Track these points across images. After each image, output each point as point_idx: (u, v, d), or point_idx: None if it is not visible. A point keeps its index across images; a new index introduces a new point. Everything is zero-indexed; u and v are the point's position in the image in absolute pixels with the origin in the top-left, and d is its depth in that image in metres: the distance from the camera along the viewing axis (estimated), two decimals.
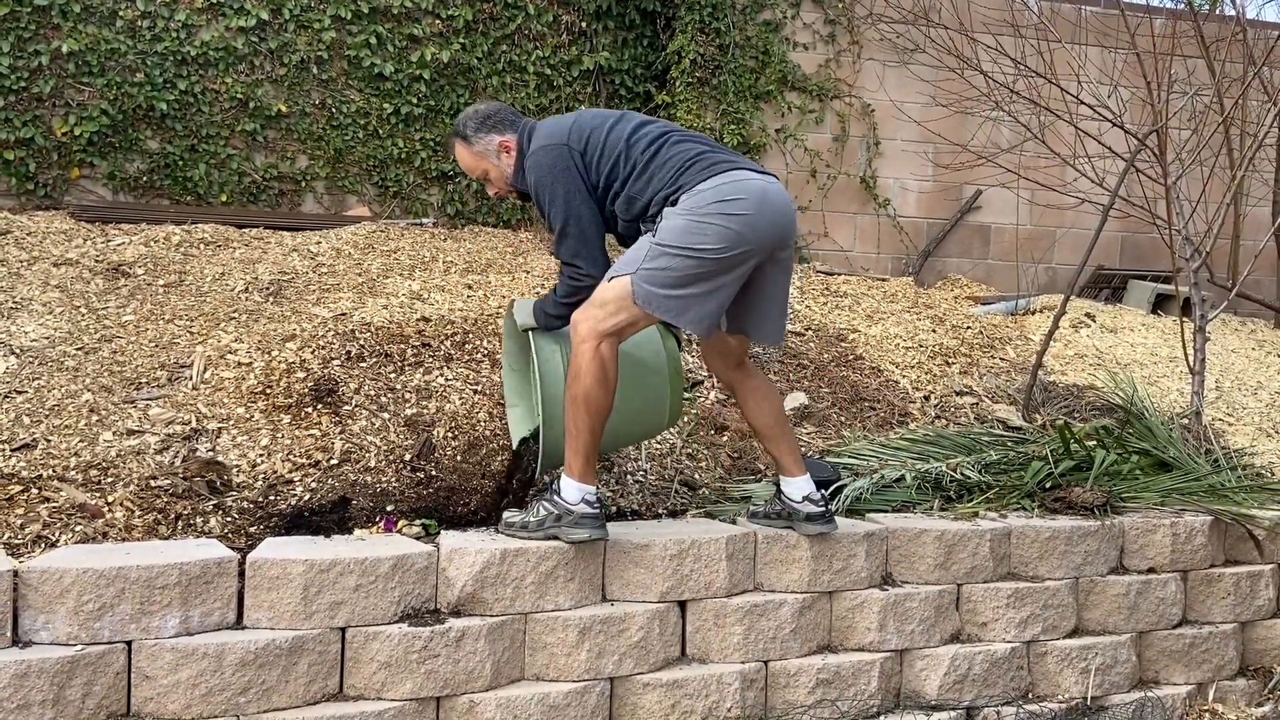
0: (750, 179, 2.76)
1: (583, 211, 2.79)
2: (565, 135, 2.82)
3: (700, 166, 2.76)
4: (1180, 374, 5.20)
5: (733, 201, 2.70)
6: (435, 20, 6.30)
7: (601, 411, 2.72)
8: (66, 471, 3.00)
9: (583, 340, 2.70)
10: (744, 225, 2.70)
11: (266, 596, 2.50)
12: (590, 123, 2.86)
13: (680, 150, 2.81)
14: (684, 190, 2.74)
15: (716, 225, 2.68)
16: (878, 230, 7.00)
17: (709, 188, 2.71)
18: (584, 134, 2.83)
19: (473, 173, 3.00)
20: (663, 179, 2.77)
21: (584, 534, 2.73)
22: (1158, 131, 4.46)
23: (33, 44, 5.61)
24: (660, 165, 2.79)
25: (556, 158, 2.79)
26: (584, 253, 2.80)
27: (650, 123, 2.90)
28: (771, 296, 2.92)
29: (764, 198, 2.74)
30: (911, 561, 3.17)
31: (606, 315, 2.71)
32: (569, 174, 2.79)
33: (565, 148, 2.80)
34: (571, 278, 2.83)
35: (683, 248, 2.68)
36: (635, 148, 2.81)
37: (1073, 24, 6.60)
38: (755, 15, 6.69)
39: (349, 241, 5.40)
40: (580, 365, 2.70)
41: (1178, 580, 3.50)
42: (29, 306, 4.07)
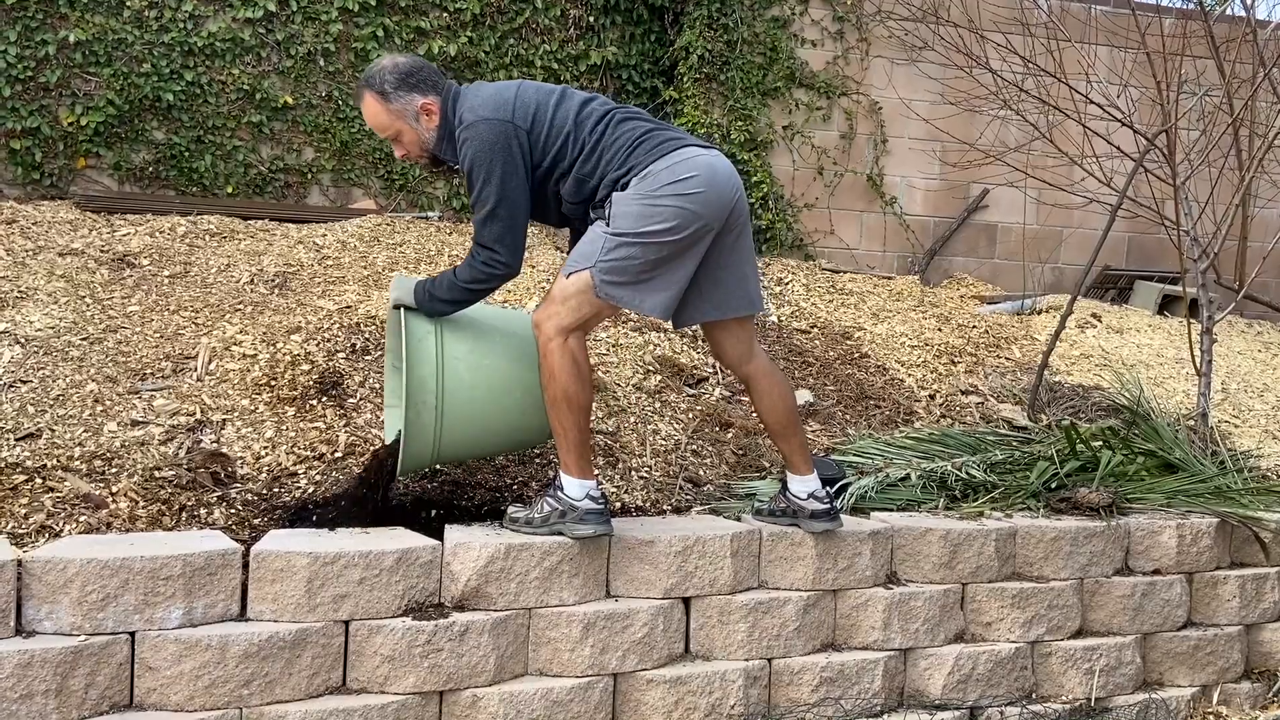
0: (698, 154, 2.70)
1: (517, 197, 2.66)
2: (510, 111, 2.67)
3: (648, 146, 2.70)
4: (1186, 375, 5.18)
5: (685, 180, 2.65)
6: (442, 13, 6.29)
7: (584, 406, 2.70)
8: (71, 462, 3.00)
9: (549, 339, 2.65)
10: (698, 203, 2.65)
11: (270, 589, 2.49)
12: (534, 98, 2.72)
13: (627, 129, 2.73)
14: (634, 173, 2.67)
15: (671, 206, 2.63)
16: (884, 228, 6.99)
17: (661, 169, 2.66)
18: (529, 111, 2.69)
19: (382, 132, 2.77)
20: (612, 159, 2.69)
21: (588, 529, 2.73)
22: (1167, 132, 4.44)
23: (40, 33, 5.60)
24: (609, 145, 2.70)
25: (499, 134, 2.64)
26: (508, 239, 2.67)
27: (592, 99, 2.81)
28: (731, 265, 2.84)
29: (714, 172, 2.69)
30: (916, 560, 3.16)
31: (569, 312, 2.66)
32: (509, 153, 2.64)
33: (510, 125, 2.66)
34: (486, 263, 2.69)
35: (640, 234, 2.64)
36: (583, 127, 2.71)
37: (1082, 23, 6.58)
38: (763, 11, 6.67)
39: (355, 234, 5.39)
40: (553, 365, 2.65)
41: (1183, 582, 3.49)
42: (34, 296, 4.06)
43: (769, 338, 4.91)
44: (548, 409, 2.71)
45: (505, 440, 2.97)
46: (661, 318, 2.80)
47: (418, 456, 2.78)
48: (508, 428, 2.88)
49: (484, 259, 2.70)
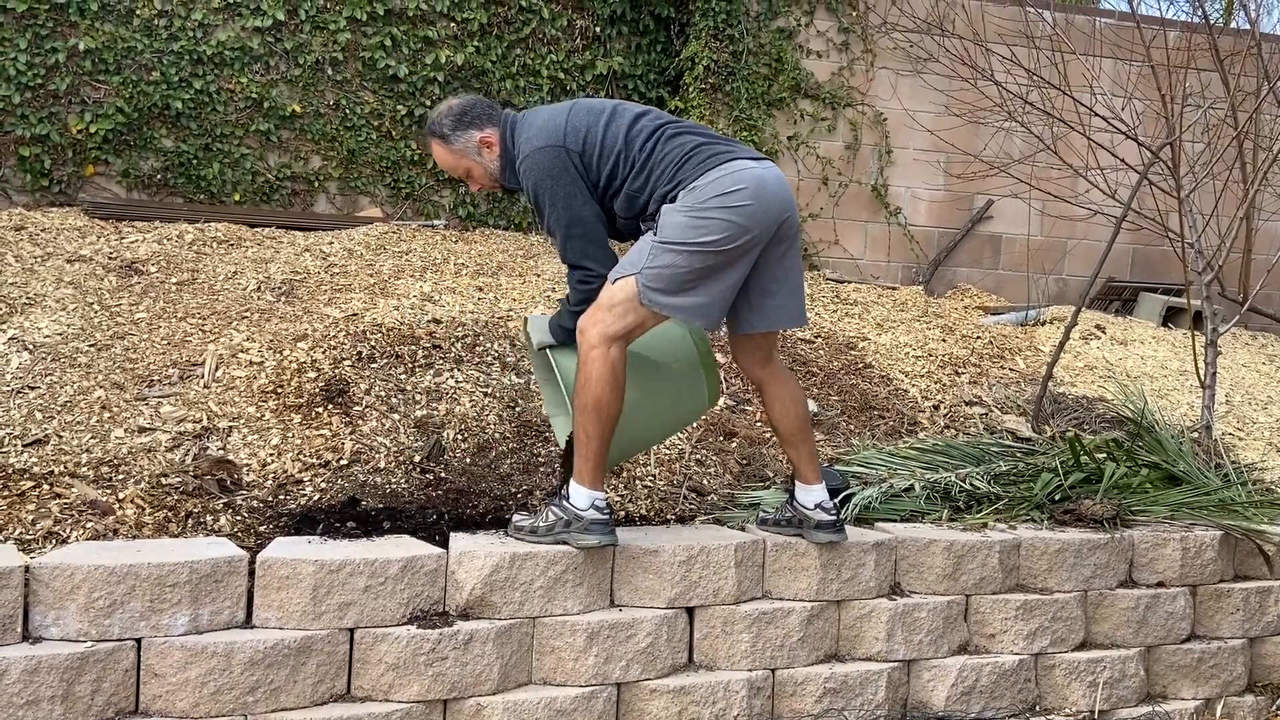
0: (747, 168, 2.72)
1: (585, 213, 2.75)
2: (562, 137, 2.75)
3: (697, 160, 2.73)
4: (1190, 387, 5.18)
5: (732, 193, 2.67)
6: (450, 23, 6.32)
7: (612, 417, 2.72)
8: (78, 468, 3.01)
9: (592, 346, 2.69)
10: (744, 216, 2.67)
11: (276, 596, 2.50)
12: (585, 119, 2.80)
13: (677, 144, 2.77)
14: (682, 186, 2.71)
15: (717, 219, 2.65)
16: (888, 239, 7.00)
17: (707, 181, 2.68)
18: (580, 134, 2.77)
19: (453, 171, 2.92)
20: (661, 175, 2.74)
21: (593, 540, 2.73)
22: (1171, 145, 4.46)
23: (50, 41, 5.65)
24: (658, 161, 2.75)
25: (554, 160, 2.73)
26: (591, 252, 2.77)
27: (644, 114, 2.84)
28: (780, 279, 2.86)
29: (761, 185, 2.71)
30: (920, 571, 3.16)
31: (615, 319, 2.70)
32: (568, 176, 2.73)
33: (563, 150, 2.74)
34: (582, 280, 2.79)
35: (686, 243, 2.66)
36: (633, 144, 2.77)
37: (1087, 35, 6.60)
38: (769, 22, 6.70)
39: (361, 242, 5.42)
40: (591, 372, 2.68)
41: (1187, 595, 3.49)
42: (43, 303, 4.09)
43: None
44: (576, 414, 2.73)
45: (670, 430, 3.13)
46: (708, 327, 2.82)
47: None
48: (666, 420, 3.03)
49: (579, 277, 2.78)
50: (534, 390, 3.92)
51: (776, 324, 2.93)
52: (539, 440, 3.63)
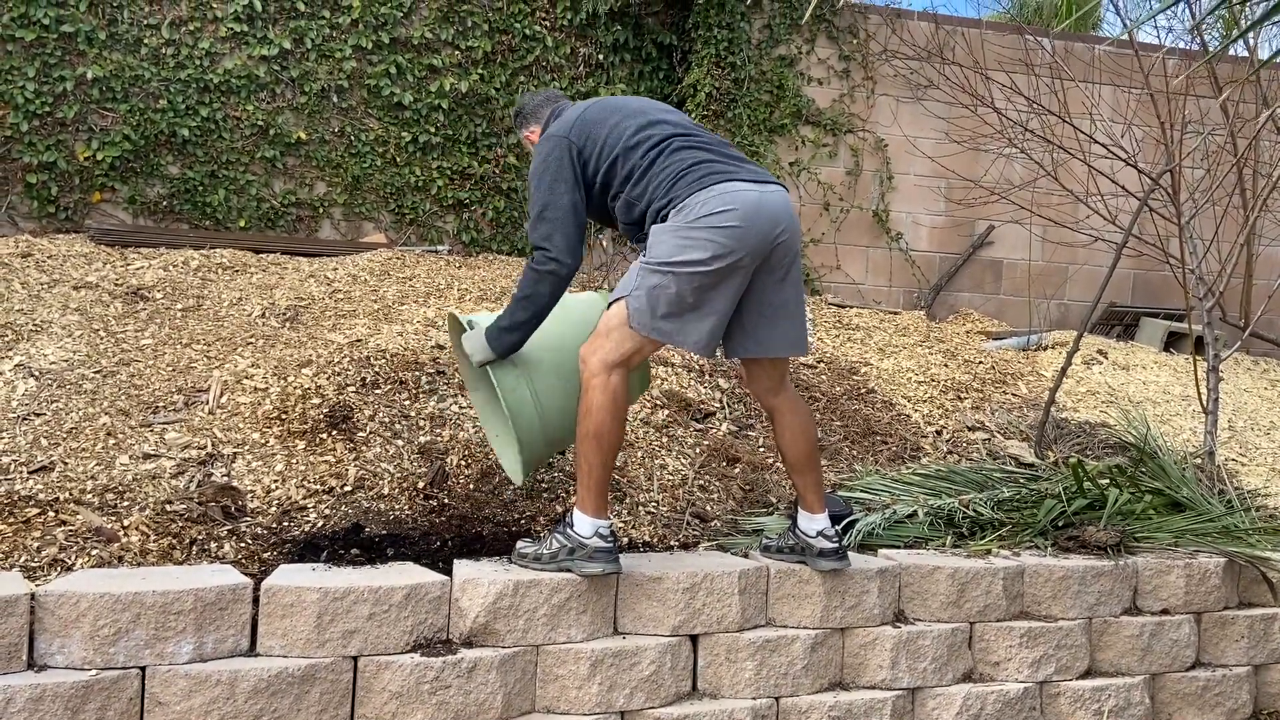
0: (743, 189, 2.70)
1: (563, 201, 2.78)
2: (569, 129, 2.85)
3: (692, 179, 2.72)
4: (1193, 413, 5.18)
5: (720, 214, 2.66)
6: (455, 51, 6.38)
7: (614, 446, 2.72)
8: (83, 495, 3.02)
9: (593, 374, 2.69)
10: (730, 236, 2.65)
11: (280, 624, 2.50)
12: (597, 116, 2.85)
13: (678, 159, 2.76)
14: (674, 205, 2.71)
15: (702, 238, 2.65)
16: (890, 264, 7.03)
17: (697, 202, 2.68)
18: (586, 130, 2.83)
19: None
20: (657, 189, 2.75)
21: (597, 568, 2.73)
22: (1171, 171, 4.48)
23: (58, 69, 5.70)
24: (656, 174, 2.76)
25: (553, 148, 2.83)
26: (556, 238, 2.77)
27: (656, 124, 2.85)
28: (778, 305, 2.84)
29: (754, 207, 2.69)
30: (924, 599, 3.16)
31: (613, 346, 2.70)
32: (560, 165, 2.80)
33: (566, 141, 2.83)
34: (539, 261, 2.77)
35: (671, 263, 2.66)
36: (634, 152, 2.79)
37: (1086, 63, 6.65)
38: (770, 50, 6.76)
39: (365, 268, 5.44)
40: (592, 401, 2.69)
41: (1191, 622, 3.48)
42: (49, 329, 4.11)
43: None
44: (578, 442, 2.74)
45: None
46: (700, 352, 2.80)
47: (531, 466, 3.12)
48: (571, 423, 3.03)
49: (538, 257, 2.79)
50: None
51: (774, 351, 2.91)
52: (542, 467, 3.63)
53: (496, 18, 6.45)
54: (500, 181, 6.51)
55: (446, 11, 6.35)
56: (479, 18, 6.41)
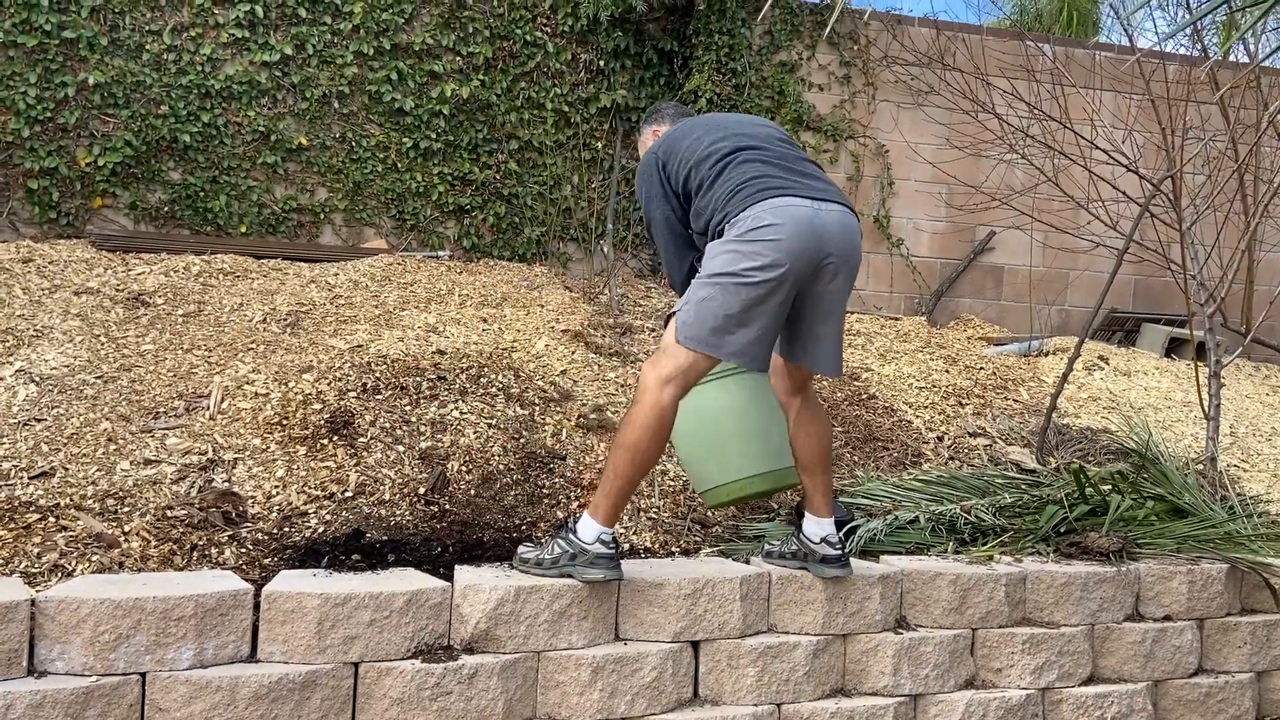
0: (794, 205, 2.74)
1: (655, 215, 3.03)
2: (659, 144, 3.05)
3: (748, 193, 2.77)
4: (1195, 419, 5.18)
5: (766, 227, 2.70)
6: (456, 57, 6.39)
7: (648, 464, 2.74)
8: (84, 500, 3.01)
9: (646, 389, 2.72)
10: (777, 250, 2.69)
11: (281, 630, 2.50)
12: (682, 132, 3.03)
13: (739, 173, 2.82)
14: (729, 219, 2.78)
15: (749, 252, 2.70)
16: (891, 269, 7.03)
17: (749, 216, 2.73)
18: (670, 146, 3.01)
19: None
20: (717, 202, 2.83)
21: (599, 574, 2.73)
22: (1172, 177, 4.48)
23: (60, 75, 5.71)
24: (719, 186, 2.84)
25: (646, 164, 3.06)
26: (666, 247, 3.06)
27: (731, 136, 2.92)
28: (810, 320, 2.87)
29: (805, 222, 2.72)
30: (926, 605, 3.15)
31: (668, 360, 2.74)
32: (651, 180, 3.01)
33: (654, 156, 3.03)
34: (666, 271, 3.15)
35: (719, 275, 2.72)
36: (703, 165, 2.89)
37: (1087, 69, 6.66)
38: (771, 56, 6.77)
39: (366, 273, 5.44)
40: (638, 414, 2.71)
41: (1194, 628, 3.47)
42: (50, 335, 4.11)
43: None
44: (614, 446, 2.76)
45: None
46: (750, 366, 2.82)
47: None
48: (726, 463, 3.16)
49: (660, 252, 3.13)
50: (537, 421, 3.93)
51: (808, 363, 2.95)
52: (543, 472, 3.63)
53: (498, 24, 6.45)
54: (501, 187, 6.52)
55: (448, 18, 6.36)
56: (480, 24, 6.42)
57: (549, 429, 3.90)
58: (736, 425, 3.09)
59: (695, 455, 3.18)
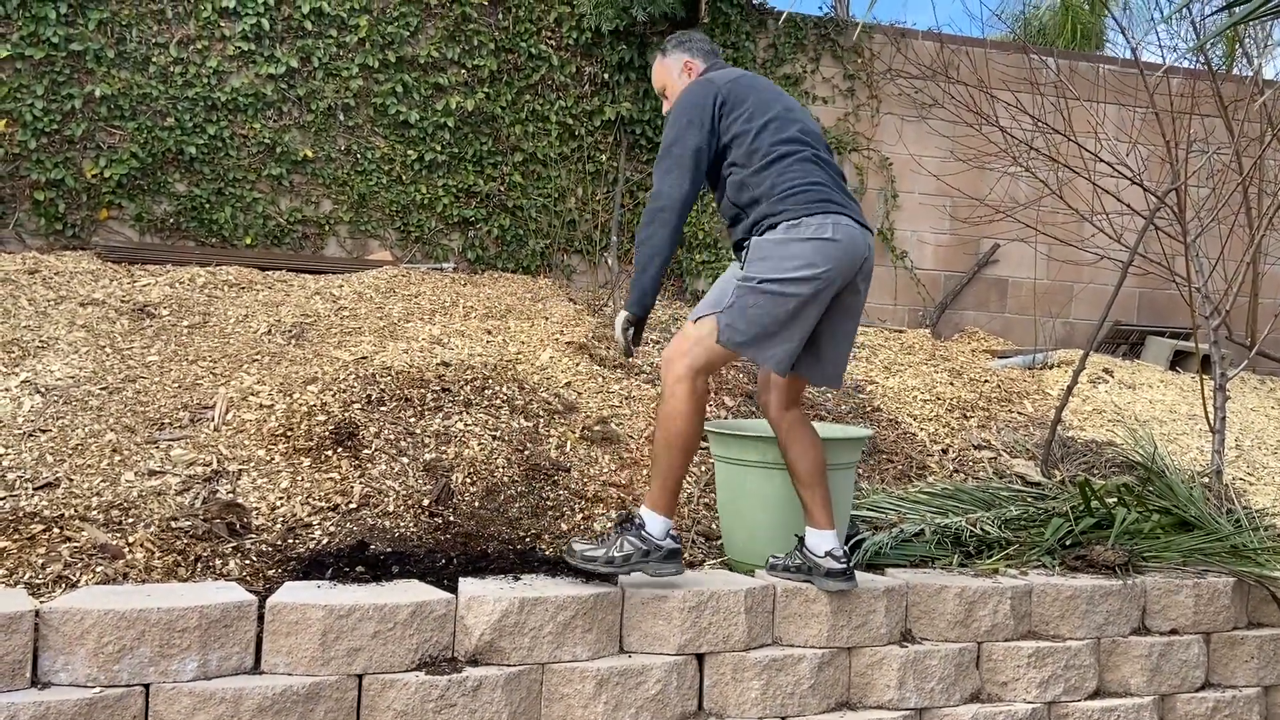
0: (850, 225, 2.85)
1: (691, 142, 2.86)
2: (725, 82, 2.93)
3: (810, 199, 2.84)
4: (1200, 431, 5.17)
5: (824, 241, 2.80)
6: (461, 70, 6.42)
7: (693, 449, 2.84)
8: (88, 511, 3.01)
9: (679, 379, 2.80)
10: (833, 263, 2.80)
11: (285, 641, 2.49)
12: (752, 84, 2.96)
13: (802, 170, 2.87)
14: (786, 218, 2.82)
15: (807, 261, 2.78)
16: (895, 282, 7.03)
17: (811, 225, 2.81)
18: (736, 93, 2.92)
19: (657, 86, 3.17)
20: (773, 190, 2.84)
21: (672, 569, 2.82)
22: (1176, 190, 4.49)
23: (66, 88, 5.74)
24: (779, 173, 2.85)
25: (704, 94, 2.91)
26: (673, 175, 2.85)
27: (796, 123, 2.94)
28: (833, 336, 2.97)
29: (852, 241, 2.84)
30: (932, 618, 3.14)
31: (703, 352, 2.82)
32: (702, 110, 2.88)
33: (716, 89, 2.90)
34: (652, 203, 2.87)
35: (768, 280, 2.79)
36: (763, 138, 2.87)
37: (1091, 82, 6.67)
38: (775, 69, 6.79)
39: (371, 285, 5.45)
40: (677, 405, 2.78)
41: (1200, 642, 3.45)
42: (55, 346, 4.11)
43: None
44: (658, 445, 2.82)
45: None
46: (781, 372, 2.87)
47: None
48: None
49: (653, 194, 2.89)
50: (542, 433, 3.93)
51: (812, 379, 3.02)
52: (547, 484, 3.63)
53: (502, 37, 6.48)
54: (506, 199, 6.53)
55: (453, 31, 6.39)
56: (485, 37, 6.44)
57: (553, 441, 3.90)
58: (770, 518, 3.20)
59: (729, 524, 3.32)
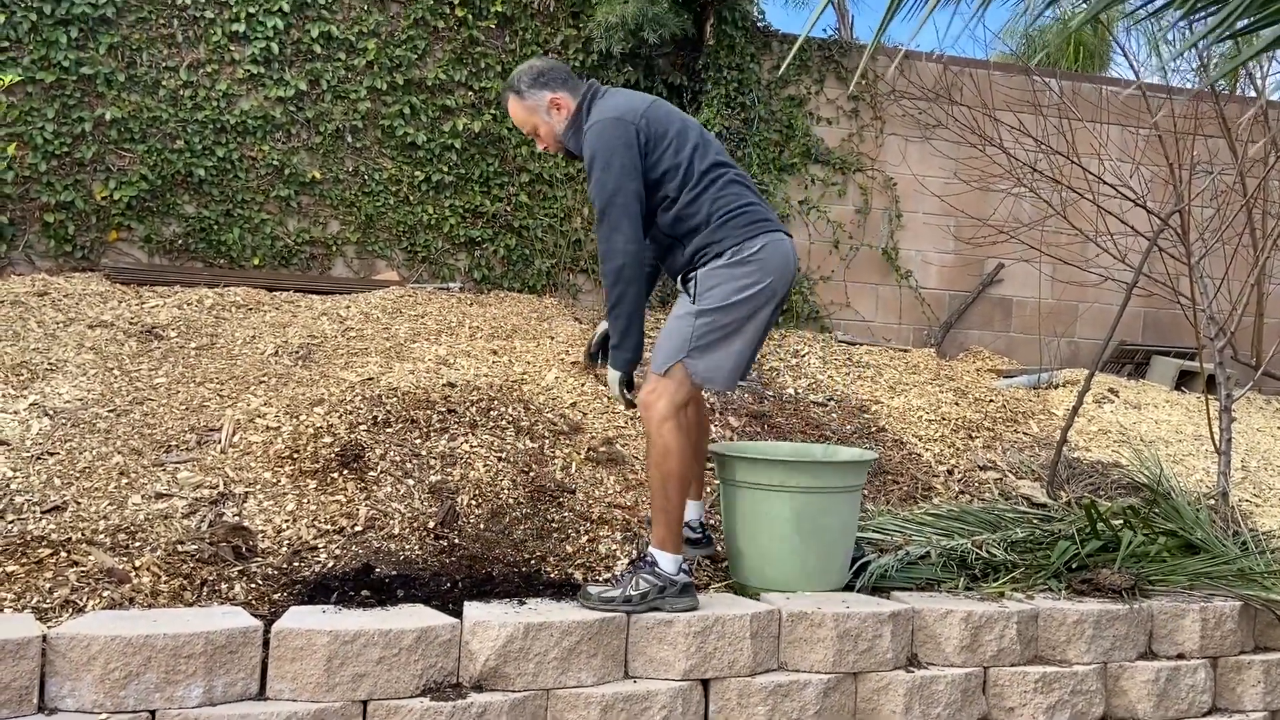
0: (783, 241, 3.00)
1: (630, 186, 2.87)
2: (638, 117, 2.91)
3: (745, 222, 2.93)
4: (1205, 452, 5.15)
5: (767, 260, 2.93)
6: (468, 92, 6.46)
7: (688, 479, 2.94)
8: (95, 535, 3.03)
9: (664, 419, 2.87)
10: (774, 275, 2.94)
11: (290, 667, 2.50)
12: (662, 115, 2.96)
13: (733, 194, 2.95)
14: (728, 244, 2.91)
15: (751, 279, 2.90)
16: (899, 301, 7.04)
17: (754, 245, 2.91)
18: (653, 124, 2.92)
19: (523, 127, 3.09)
20: (710, 216, 2.91)
21: (686, 603, 2.87)
22: (1180, 212, 4.50)
23: (77, 111, 5.79)
24: (712, 200, 2.92)
25: (624, 133, 2.87)
26: (624, 226, 2.86)
27: (703, 145, 2.98)
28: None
29: (787, 257, 2.99)
30: (938, 643, 3.13)
31: (677, 390, 2.90)
32: (630, 151, 2.87)
33: (634, 127, 2.89)
34: (609, 261, 2.86)
35: (723, 307, 2.90)
36: (694, 166, 2.93)
37: (1094, 104, 6.69)
38: (780, 90, 6.83)
39: (377, 305, 5.48)
40: (668, 443, 2.86)
41: (1207, 667, 3.44)
42: (64, 368, 4.14)
43: (786, 410, 4.93)
44: (655, 485, 2.90)
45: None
46: (729, 389, 3.03)
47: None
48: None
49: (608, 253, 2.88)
50: (547, 454, 3.94)
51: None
52: (552, 505, 3.63)
53: (509, 59, 6.53)
54: (512, 219, 6.56)
55: (460, 53, 6.44)
56: (492, 59, 6.49)
57: (559, 462, 3.91)
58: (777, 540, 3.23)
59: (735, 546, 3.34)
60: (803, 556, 3.19)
